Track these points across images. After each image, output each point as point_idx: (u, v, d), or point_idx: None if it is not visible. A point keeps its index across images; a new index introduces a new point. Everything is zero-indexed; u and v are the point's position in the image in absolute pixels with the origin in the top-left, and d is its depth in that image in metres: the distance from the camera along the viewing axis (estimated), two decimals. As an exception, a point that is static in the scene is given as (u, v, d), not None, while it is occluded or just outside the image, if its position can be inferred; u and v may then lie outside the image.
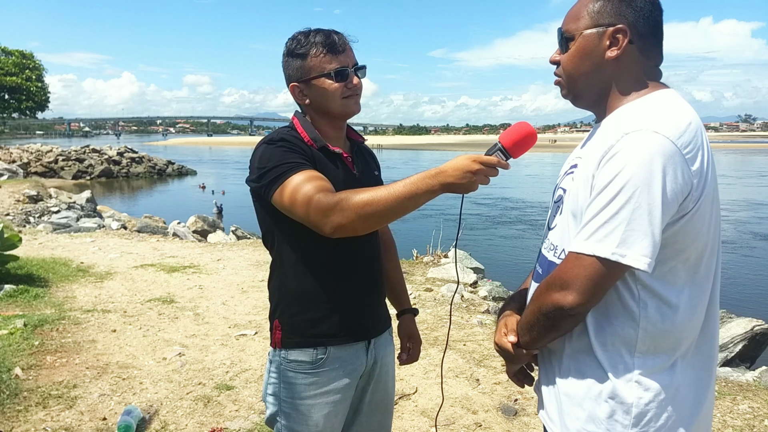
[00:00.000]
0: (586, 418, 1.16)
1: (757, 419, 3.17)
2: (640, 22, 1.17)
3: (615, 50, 1.17)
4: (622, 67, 1.19)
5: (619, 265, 1.06)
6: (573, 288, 1.09)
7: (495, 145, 1.29)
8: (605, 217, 1.06)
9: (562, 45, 1.25)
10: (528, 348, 1.26)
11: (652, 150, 1.04)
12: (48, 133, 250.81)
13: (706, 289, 1.17)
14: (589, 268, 1.07)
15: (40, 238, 8.78)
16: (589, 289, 1.08)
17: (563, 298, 1.11)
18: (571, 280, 1.09)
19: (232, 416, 3.14)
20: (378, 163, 1.74)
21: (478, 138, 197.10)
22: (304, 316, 1.53)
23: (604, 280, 1.08)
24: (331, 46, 1.48)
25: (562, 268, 1.13)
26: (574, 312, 1.11)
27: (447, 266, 6.92)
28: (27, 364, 3.64)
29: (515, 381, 1.42)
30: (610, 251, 1.05)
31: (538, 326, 1.19)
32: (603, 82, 1.21)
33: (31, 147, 37.42)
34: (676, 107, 1.13)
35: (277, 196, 1.40)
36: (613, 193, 1.05)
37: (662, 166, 1.03)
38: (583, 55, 1.20)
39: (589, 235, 1.08)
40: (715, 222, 1.16)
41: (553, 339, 1.21)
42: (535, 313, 1.19)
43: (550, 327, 1.17)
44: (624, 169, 1.05)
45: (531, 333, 1.22)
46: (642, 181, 1.03)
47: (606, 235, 1.06)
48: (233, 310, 5.14)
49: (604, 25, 1.18)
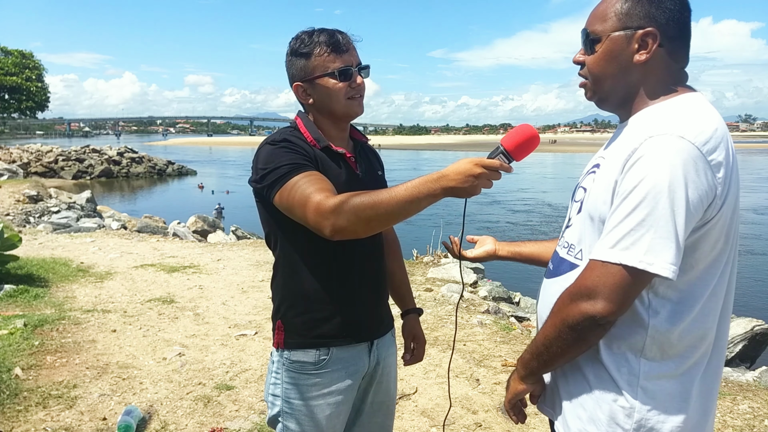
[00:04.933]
0: (588, 419, 1.16)
1: (757, 419, 3.17)
2: (670, 24, 1.12)
3: (644, 54, 1.13)
4: (649, 71, 1.15)
5: (646, 274, 1.03)
6: (602, 296, 1.05)
7: (497, 148, 1.27)
8: (631, 224, 1.03)
9: (588, 46, 1.20)
10: (544, 369, 1.21)
11: (677, 155, 1.01)
12: (48, 133, 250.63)
13: (719, 299, 1.14)
14: (617, 275, 1.04)
15: (40, 238, 8.78)
16: (618, 297, 1.05)
17: (592, 307, 1.06)
18: (599, 289, 1.06)
19: (232, 416, 3.14)
20: (381, 163, 1.73)
21: (478, 138, 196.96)
22: (307, 316, 1.52)
23: (632, 288, 1.05)
24: (335, 45, 1.48)
25: (587, 277, 1.09)
26: (603, 321, 1.07)
27: (447, 266, 6.92)
28: (27, 364, 3.64)
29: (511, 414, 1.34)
30: (638, 259, 1.03)
31: (560, 341, 1.12)
32: (630, 85, 1.17)
33: (31, 147, 37.36)
34: (703, 112, 1.10)
35: (278, 198, 1.40)
36: (637, 201, 1.03)
37: (687, 173, 1.01)
38: (610, 58, 1.16)
39: (614, 243, 1.05)
40: (734, 231, 1.13)
41: (575, 356, 1.15)
42: (557, 326, 1.12)
43: (575, 340, 1.11)
44: (648, 176, 1.02)
45: (550, 350, 1.15)
46: (667, 188, 1.01)
47: (633, 243, 1.03)
48: (233, 310, 5.14)
49: (632, 27, 1.13)
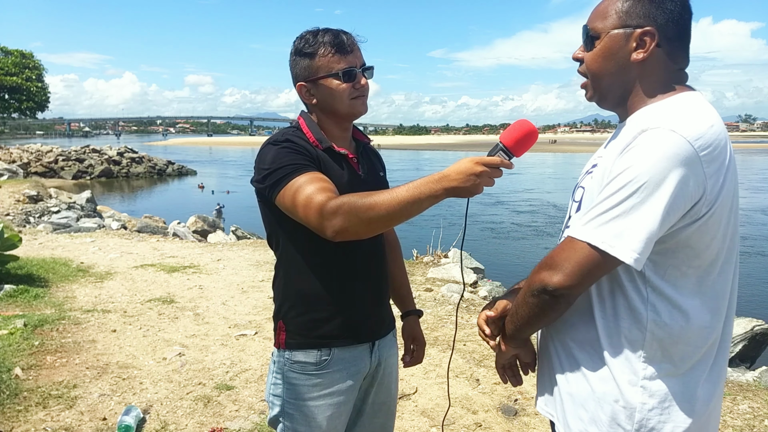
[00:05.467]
0: (589, 420, 1.16)
1: (757, 419, 3.17)
2: (669, 25, 1.13)
3: (641, 53, 1.14)
4: (647, 70, 1.16)
5: (608, 256, 1.05)
6: (560, 269, 1.09)
7: (496, 146, 1.26)
8: (606, 206, 1.05)
9: (587, 43, 1.21)
10: (516, 334, 1.25)
11: (666, 148, 1.02)
12: (48, 133, 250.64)
13: (722, 298, 1.14)
14: (579, 252, 1.07)
15: (40, 238, 8.77)
16: (575, 272, 1.07)
17: (549, 278, 1.10)
18: (561, 262, 1.09)
19: (232, 416, 3.14)
20: (383, 164, 1.74)
21: (478, 138, 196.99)
22: (308, 317, 1.52)
23: (592, 267, 1.07)
24: (339, 46, 1.47)
25: (555, 250, 1.13)
26: (557, 293, 1.10)
27: (447, 266, 6.91)
28: (27, 364, 3.64)
29: (501, 375, 1.38)
30: (602, 240, 1.04)
31: (524, 305, 1.18)
32: (627, 83, 1.19)
33: (31, 147, 37.34)
34: (699, 109, 1.11)
35: (280, 198, 1.40)
36: (618, 186, 1.04)
37: (674, 166, 1.01)
38: (608, 55, 1.18)
39: (587, 221, 1.08)
40: (732, 230, 1.13)
41: (537, 325, 1.20)
42: (524, 290, 1.18)
43: (534, 307, 1.15)
44: (635, 164, 1.03)
45: (518, 312, 1.20)
46: (650, 178, 1.02)
47: (603, 223, 1.05)
48: (233, 310, 5.14)
49: (632, 26, 1.14)
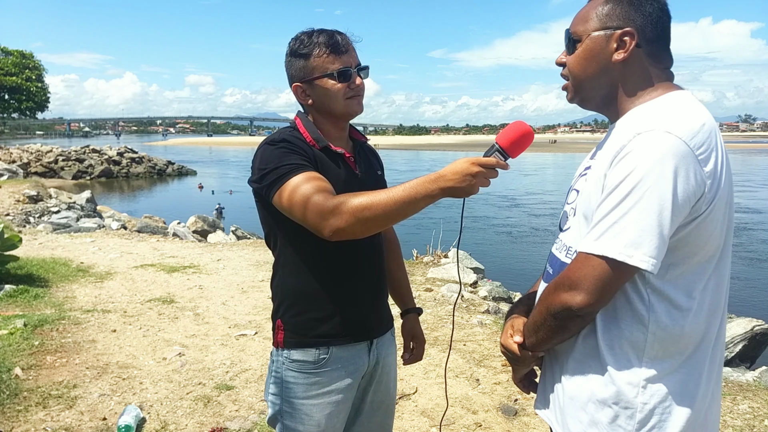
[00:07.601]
0: (589, 422, 1.15)
1: (757, 419, 3.17)
2: (648, 27, 1.15)
3: (622, 53, 1.16)
4: (629, 70, 1.18)
5: (626, 266, 1.05)
6: (582, 288, 1.08)
7: (492, 146, 1.27)
8: (615, 217, 1.05)
9: (569, 46, 1.23)
10: (534, 350, 1.25)
11: (665, 150, 1.03)
12: (48, 133, 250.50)
13: (719, 294, 1.15)
14: (598, 268, 1.06)
15: (40, 238, 8.78)
16: (597, 289, 1.07)
17: (572, 299, 1.09)
18: (580, 281, 1.08)
19: (232, 416, 3.14)
20: (381, 163, 1.74)
21: (478, 138, 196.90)
22: (307, 316, 1.53)
23: (612, 280, 1.07)
24: (334, 46, 1.48)
25: (570, 268, 1.12)
26: (582, 313, 1.10)
27: (447, 266, 6.91)
28: (27, 364, 3.64)
29: (521, 387, 1.39)
30: (618, 251, 1.04)
31: (545, 327, 1.17)
32: (609, 84, 1.20)
33: (31, 147, 37.31)
34: (690, 108, 1.12)
35: (277, 198, 1.40)
36: (623, 194, 1.04)
37: (674, 167, 1.02)
38: (589, 57, 1.19)
39: (598, 235, 1.07)
40: (728, 225, 1.14)
41: (560, 341, 1.20)
42: (543, 313, 1.17)
43: (558, 328, 1.15)
44: (635, 170, 1.03)
45: (537, 334, 1.20)
46: (653, 182, 1.02)
47: (615, 235, 1.05)
48: (233, 310, 5.14)
49: (611, 27, 1.16)
